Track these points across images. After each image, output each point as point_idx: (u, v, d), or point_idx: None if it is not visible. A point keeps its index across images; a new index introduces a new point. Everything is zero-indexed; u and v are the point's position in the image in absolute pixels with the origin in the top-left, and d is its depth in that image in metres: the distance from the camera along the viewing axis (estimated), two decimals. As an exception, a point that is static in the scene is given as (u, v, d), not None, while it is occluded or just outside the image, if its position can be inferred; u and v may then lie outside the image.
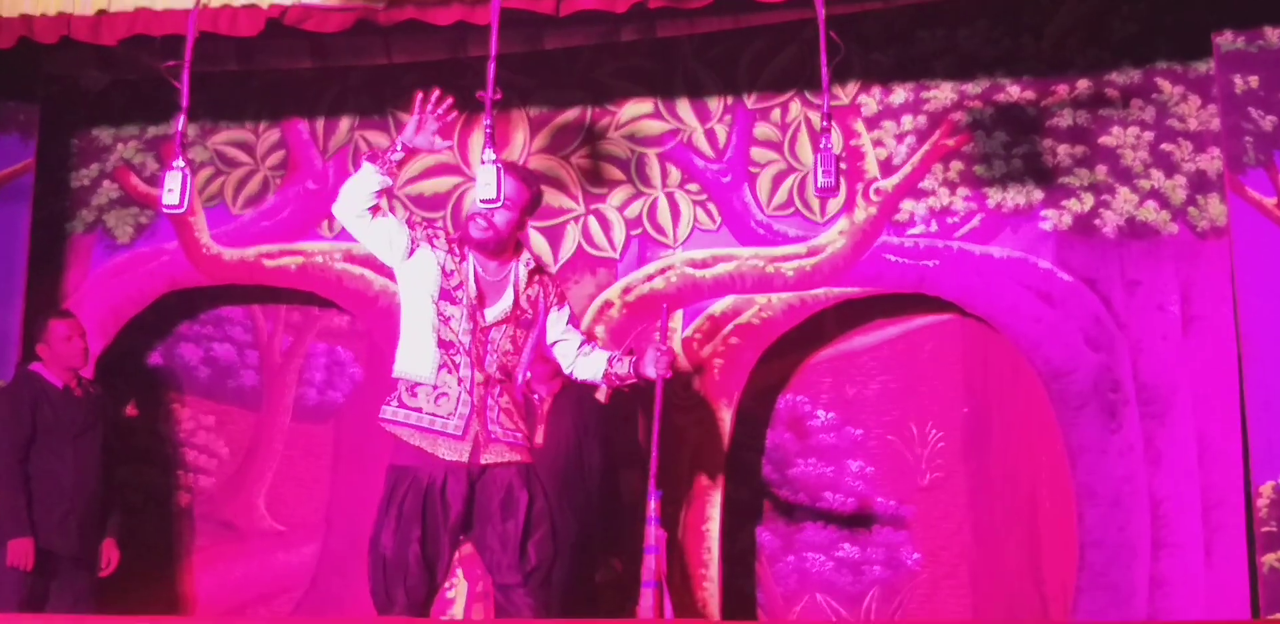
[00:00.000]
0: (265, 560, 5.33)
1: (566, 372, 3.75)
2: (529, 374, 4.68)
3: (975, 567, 4.77)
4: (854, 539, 4.91)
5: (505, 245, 3.57)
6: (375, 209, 3.52)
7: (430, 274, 3.50)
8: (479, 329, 3.49)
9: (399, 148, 3.54)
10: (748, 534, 4.98)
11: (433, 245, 3.53)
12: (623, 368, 3.64)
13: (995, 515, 4.77)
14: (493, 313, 3.52)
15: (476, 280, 3.53)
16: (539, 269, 3.69)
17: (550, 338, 3.68)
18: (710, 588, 4.80)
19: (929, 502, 4.86)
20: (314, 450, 5.38)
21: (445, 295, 3.49)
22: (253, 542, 5.35)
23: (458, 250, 3.55)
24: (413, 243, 3.52)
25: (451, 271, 3.51)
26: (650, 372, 3.60)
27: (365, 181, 3.50)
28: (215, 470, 5.44)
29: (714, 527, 4.83)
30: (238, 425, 5.47)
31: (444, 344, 3.47)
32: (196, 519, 5.40)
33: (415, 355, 3.50)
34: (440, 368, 3.46)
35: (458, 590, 4.82)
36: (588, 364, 3.68)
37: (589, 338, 3.85)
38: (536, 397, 4.61)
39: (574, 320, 3.73)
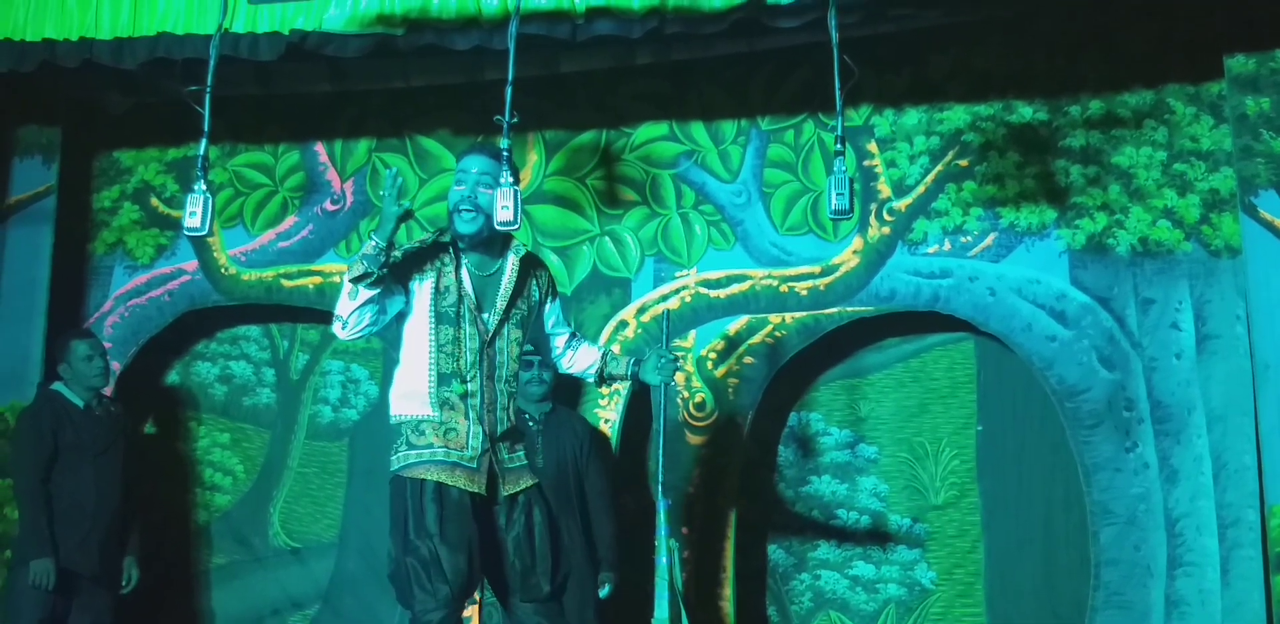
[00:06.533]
0: (280, 577, 5.36)
1: (564, 366, 3.68)
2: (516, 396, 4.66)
3: (990, 586, 4.78)
4: (868, 558, 4.92)
5: (495, 231, 3.42)
6: (379, 312, 3.33)
7: (424, 303, 3.38)
8: (483, 346, 3.39)
9: (378, 246, 3.24)
10: (761, 552, 4.99)
11: (423, 272, 3.38)
12: (619, 369, 3.61)
13: (1010, 534, 4.78)
14: (492, 317, 3.41)
15: (471, 283, 3.41)
16: (532, 258, 3.59)
17: (545, 328, 3.61)
18: (724, 607, 4.80)
19: (943, 520, 4.87)
20: (329, 468, 5.42)
21: (441, 319, 3.36)
22: (268, 558, 5.38)
23: (448, 257, 3.40)
24: (406, 292, 3.37)
25: (446, 288, 3.39)
26: (653, 378, 3.58)
27: (356, 301, 3.28)
28: (231, 488, 5.48)
29: (728, 545, 4.84)
30: (253, 443, 5.51)
31: (443, 378, 3.35)
32: (213, 536, 5.44)
33: (411, 397, 3.37)
34: (440, 404, 3.35)
35: (472, 609, 4.82)
36: (581, 358, 3.63)
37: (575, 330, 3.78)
38: (529, 419, 4.61)
39: (564, 311, 3.67)
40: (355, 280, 3.28)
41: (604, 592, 4.54)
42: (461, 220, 3.41)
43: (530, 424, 4.58)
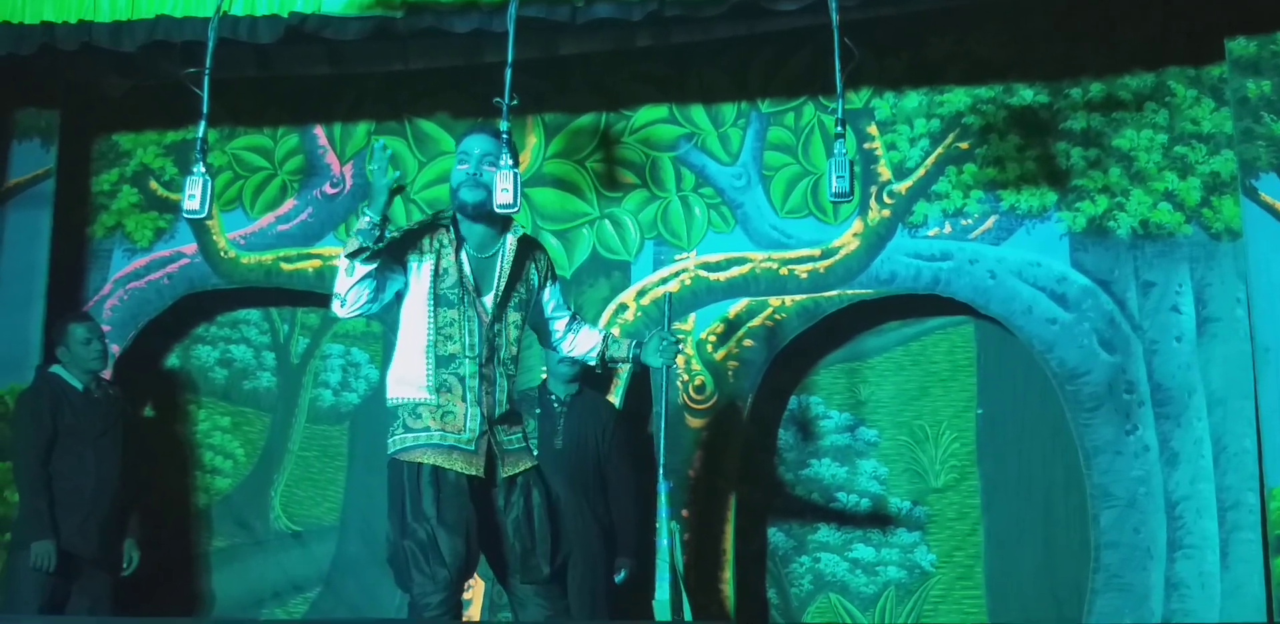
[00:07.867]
0: (281, 560, 5.38)
1: (564, 350, 3.66)
2: (545, 374, 4.72)
3: (990, 568, 4.79)
4: (868, 540, 4.94)
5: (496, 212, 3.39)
6: (378, 290, 3.32)
7: (423, 285, 3.36)
8: (483, 327, 3.36)
9: (371, 221, 3.25)
10: (761, 535, 5.00)
11: (422, 253, 3.36)
12: (620, 351, 3.60)
13: (1010, 517, 4.79)
14: (490, 299, 3.39)
15: (470, 265, 3.38)
16: (530, 240, 3.57)
17: (545, 312, 3.59)
18: (724, 589, 4.82)
19: (943, 503, 4.88)
20: (329, 451, 5.43)
21: (440, 301, 3.34)
22: (269, 542, 5.40)
23: (448, 239, 3.37)
24: (404, 272, 3.36)
25: (445, 270, 3.36)
26: (655, 360, 3.57)
27: (353, 277, 3.28)
28: (231, 471, 5.49)
29: (728, 528, 4.86)
30: (254, 427, 5.52)
31: (442, 361, 3.33)
32: (214, 519, 5.45)
33: (409, 380, 3.35)
34: (438, 388, 3.33)
35: (474, 591, 4.85)
36: (582, 341, 3.62)
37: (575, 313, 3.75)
38: (554, 400, 4.65)
39: (564, 295, 3.66)
40: (350, 255, 3.28)
41: (620, 576, 4.56)
42: (470, 192, 3.38)
43: (555, 405, 4.60)
